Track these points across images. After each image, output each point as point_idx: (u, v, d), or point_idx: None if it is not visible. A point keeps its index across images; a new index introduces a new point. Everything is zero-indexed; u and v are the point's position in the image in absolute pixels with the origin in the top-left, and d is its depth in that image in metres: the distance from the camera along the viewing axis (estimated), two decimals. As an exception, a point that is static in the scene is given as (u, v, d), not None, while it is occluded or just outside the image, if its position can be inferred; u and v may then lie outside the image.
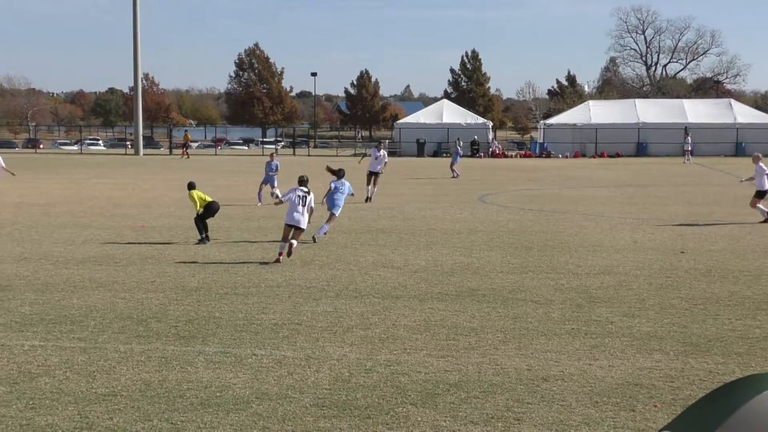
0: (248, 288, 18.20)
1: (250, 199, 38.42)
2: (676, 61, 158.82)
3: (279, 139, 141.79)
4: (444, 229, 27.99)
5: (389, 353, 13.09)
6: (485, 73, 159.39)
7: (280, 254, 21.69)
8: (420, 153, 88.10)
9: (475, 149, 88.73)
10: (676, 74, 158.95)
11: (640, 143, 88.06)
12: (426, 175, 56.61)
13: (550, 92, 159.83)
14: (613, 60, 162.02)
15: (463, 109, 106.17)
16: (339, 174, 26.77)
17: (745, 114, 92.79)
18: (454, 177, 53.79)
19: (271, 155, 39.51)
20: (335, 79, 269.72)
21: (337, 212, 26.25)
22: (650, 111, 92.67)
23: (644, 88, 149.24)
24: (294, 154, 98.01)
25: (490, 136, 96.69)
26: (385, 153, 40.51)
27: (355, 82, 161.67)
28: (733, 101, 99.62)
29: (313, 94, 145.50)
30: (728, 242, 24.95)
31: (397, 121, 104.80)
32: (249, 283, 18.69)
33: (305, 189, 22.59)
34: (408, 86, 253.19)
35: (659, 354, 13.11)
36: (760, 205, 30.23)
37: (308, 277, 19.40)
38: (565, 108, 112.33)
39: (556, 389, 11.32)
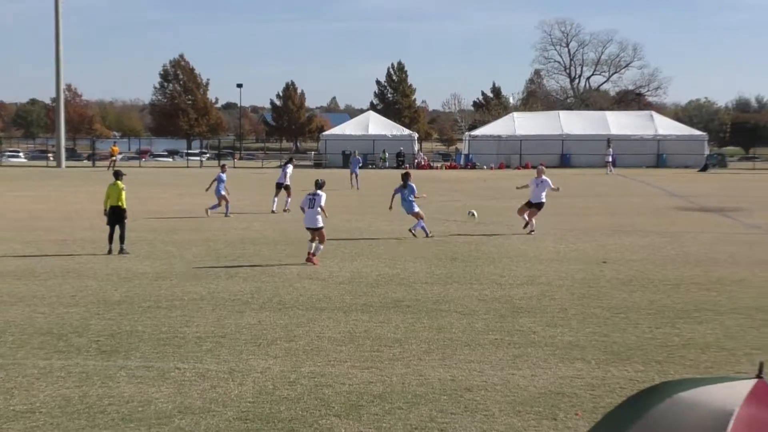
0: (172, 301, 18.05)
1: (175, 211, 38.13)
2: (599, 74, 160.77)
3: (204, 150, 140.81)
4: (369, 240, 28.01)
5: (313, 365, 13.07)
6: (411, 85, 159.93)
7: (309, 253, 23.28)
8: (346, 164, 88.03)
9: (400, 161, 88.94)
10: (599, 86, 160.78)
11: (564, 154, 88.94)
12: (353, 187, 56.60)
13: (475, 104, 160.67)
14: (537, 72, 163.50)
15: (389, 120, 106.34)
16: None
17: (666, 126, 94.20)
18: (353, 187, 53.90)
19: (222, 167, 39.20)
20: (261, 90, 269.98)
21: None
22: (574, 123, 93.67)
23: (568, 100, 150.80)
24: (219, 165, 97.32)
25: (416, 147, 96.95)
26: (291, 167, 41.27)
27: (281, 94, 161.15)
28: (654, 113, 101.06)
29: (239, 105, 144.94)
30: (648, 252, 25.28)
31: (323, 133, 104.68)
32: (172, 296, 18.54)
33: (314, 191, 24.23)
34: (334, 98, 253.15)
35: (581, 363, 13.24)
36: (530, 217, 30.22)
37: (232, 290, 19.30)
38: (490, 120, 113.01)
39: (479, 399, 11.38)
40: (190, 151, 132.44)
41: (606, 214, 36.83)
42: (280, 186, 39.70)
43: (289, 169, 41.01)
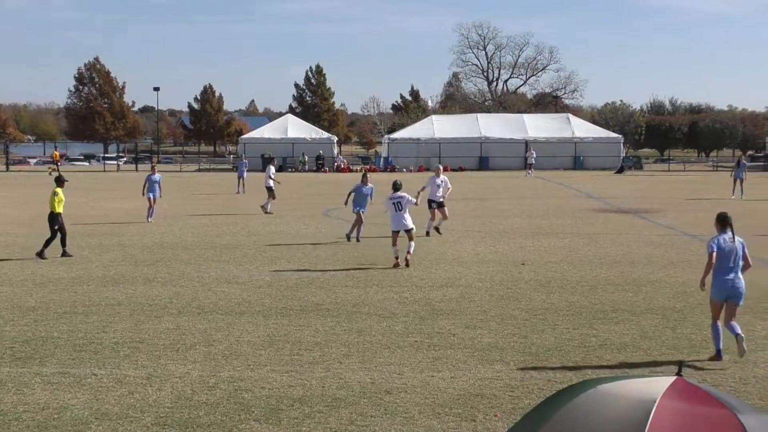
0: (88, 306, 17.82)
1: (91, 216, 37.64)
2: (517, 77, 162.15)
3: (121, 154, 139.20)
4: (289, 243, 27.93)
5: (232, 370, 12.99)
6: (330, 88, 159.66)
7: (396, 258, 23.13)
8: (265, 168, 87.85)
9: (320, 164, 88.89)
10: (516, 89, 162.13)
11: (483, 157, 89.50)
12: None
13: (394, 107, 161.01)
14: (455, 75, 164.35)
15: (308, 123, 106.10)
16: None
17: (582, 128, 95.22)
18: (237, 193, 53.42)
19: (152, 168, 38.89)
20: (179, 93, 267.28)
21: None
22: (492, 125, 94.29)
23: (486, 103, 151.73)
24: (137, 170, 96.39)
25: (335, 150, 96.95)
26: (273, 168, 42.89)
27: (198, 97, 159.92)
28: (571, 116, 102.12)
29: (156, 108, 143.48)
30: (566, 254, 25.55)
31: (242, 136, 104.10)
32: (89, 302, 18.31)
33: (398, 194, 24.06)
34: (253, 101, 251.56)
35: (500, 364, 13.33)
36: (443, 215, 30.75)
37: (150, 295, 19.12)
38: (409, 123, 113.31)
39: (399, 402, 11.41)
40: (107, 155, 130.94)
41: (524, 216, 37.13)
42: (269, 189, 40.37)
43: (272, 170, 42.04)
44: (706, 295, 14.74)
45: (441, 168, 33.34)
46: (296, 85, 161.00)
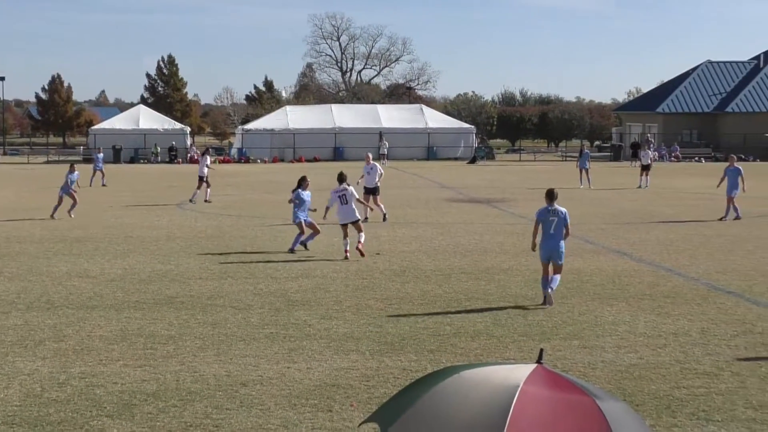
0: (-69, 303, 17.24)
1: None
2: (370, 68, 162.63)
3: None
4: (141, 236, 27.49)
5: (84, 365, 12.75)
6: (182, 79, 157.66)
7: (346, 251, 22.94)
8: (116, 159, 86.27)
9: (173, 155, 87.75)
10: (370, 80, 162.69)
11: (338, 147, 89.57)
12: (124, 182, 55.39)
13: (248, 98, 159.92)
14: (309, 66, 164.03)
15: (161, 114, 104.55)
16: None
17: (435, 119, 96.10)
18: (103, 185, 52.18)
19: (71, 166, 37.42)
20: (25, 83, 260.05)
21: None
22: (346, 116, 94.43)
23: (340, 94, 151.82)
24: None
25: (189, 141, 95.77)
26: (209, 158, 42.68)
27: (46, 87, 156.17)
28: (424, 107, 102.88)
29: (2, 99, 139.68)
30: (420, 243, 25.78)
31: (92, 127, 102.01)
32: (-68, 298, 17.72)
33: (343, 186, 23.82)
34: (103, 91, 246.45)
35: (356, 354, 13.39)
36: (376, 203, 31.92)
37: (-3, 290, 18.60)
38: (263, 113, 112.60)
39: (255, 394, 11.35)
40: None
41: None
42: (201, 179, 40.35)
43: (208, 160, 41.77)
44: (564, 280, 17.70)
45: (370, 156, 34.61)
46: (148, 76, 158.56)
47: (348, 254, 22.91)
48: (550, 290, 16.94)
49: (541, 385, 5.03)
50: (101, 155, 55.56)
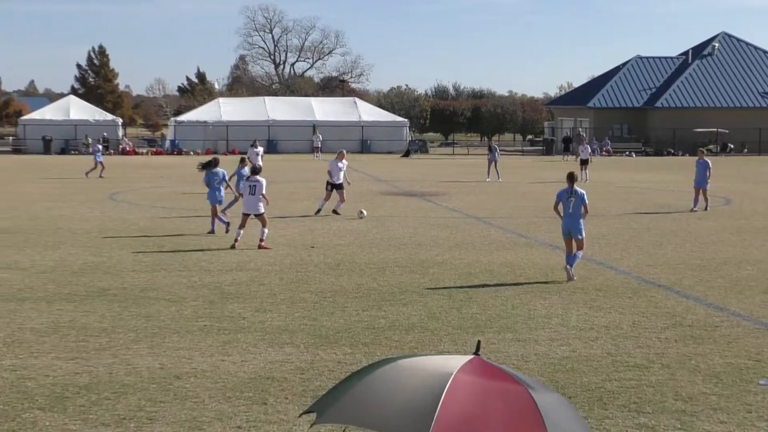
0: None
1: None
2: (304, 60, 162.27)
3: None
4: (73, 228, 27.21)
5: (15, 358, 12.61)
6: (113, 69, 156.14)
7: (236, 240, 23.47)
8: (47, 150, 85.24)
9: (104, 146, 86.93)
10: (303, 73, 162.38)
11: (271, 140, 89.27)
12: (54, 173, 54.75)
13: (180, 89, 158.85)
14: (242, 58, 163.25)
15: (92, 105, 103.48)
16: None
17: (369, 112, 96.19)
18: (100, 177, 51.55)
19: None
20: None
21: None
22: (279, 109, 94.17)
23: (273, 86, 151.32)
24: None
25: (120, 133, 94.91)
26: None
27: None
28: (357, 100, 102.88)
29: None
30: (355, 236, 25.81)
31: (22, 118, 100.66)
32: None
33: (256, 177, 24.14)
34: (32, 81, 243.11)
35: (290, 347, 13.38)
36: (341, 199, 32.05)
37: (-75, 282, 18.31)
38: (195, 105, 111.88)
39: (189, 386, 11.31)
40: None
41: (313, 200, 37.17)
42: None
43: (260, 150, 45.48)
44: (497, 273, 18.84)
45: (344, 152, 34.21)
46: (78, 66, 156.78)
47: (237, 243, 23.38)
48: (569, 267, 18.87)
49: (475, 373, 5.13)
50: (100, 146, 54.98)
